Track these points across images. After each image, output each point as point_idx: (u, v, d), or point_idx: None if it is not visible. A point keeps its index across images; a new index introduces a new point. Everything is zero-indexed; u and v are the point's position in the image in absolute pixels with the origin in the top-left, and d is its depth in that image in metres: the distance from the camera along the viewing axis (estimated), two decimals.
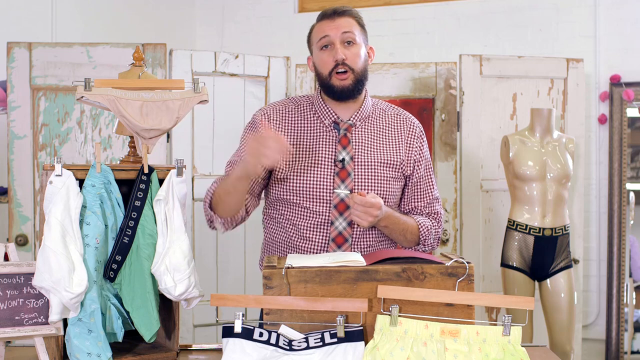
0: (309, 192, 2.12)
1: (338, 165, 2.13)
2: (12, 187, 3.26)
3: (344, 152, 2.14)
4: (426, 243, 2.21)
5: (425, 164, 2.26)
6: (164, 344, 1.96)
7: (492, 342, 1.64)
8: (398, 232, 2.15)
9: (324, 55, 2.15)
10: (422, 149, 2.26)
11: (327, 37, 2.14)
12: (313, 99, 2.23)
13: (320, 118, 2.19)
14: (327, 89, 2.16)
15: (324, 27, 2.15)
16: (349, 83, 2.12)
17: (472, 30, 4.54)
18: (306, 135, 2.18)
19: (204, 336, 3.48)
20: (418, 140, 2.25)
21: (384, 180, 2.16)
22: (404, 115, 2.28)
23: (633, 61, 4.27)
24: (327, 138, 2.17)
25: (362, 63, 2.15)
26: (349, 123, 2.17)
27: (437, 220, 2.26)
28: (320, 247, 2.13)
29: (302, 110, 2.22)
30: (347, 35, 2.13)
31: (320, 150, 2.15)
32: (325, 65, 2.14)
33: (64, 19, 4.01)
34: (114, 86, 1.84)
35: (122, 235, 1.81)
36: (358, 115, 2.19)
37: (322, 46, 2.15)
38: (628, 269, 4.19)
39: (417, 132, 2.26)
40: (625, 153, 4.23)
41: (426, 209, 2.26)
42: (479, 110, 3.63)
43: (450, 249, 3.61)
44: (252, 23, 4.94)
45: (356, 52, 2.14)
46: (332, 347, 1.64)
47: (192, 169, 3.45)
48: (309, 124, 2.19)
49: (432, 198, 2.27)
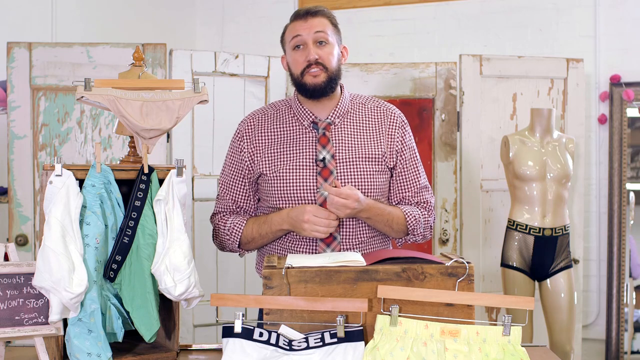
0: (293, 194, 2.13)
1: (319, 165, 2.13)
2: (12, 187, 3.26)
3: (324, 151, 2.15)
4: (415, 232, 2.20)
5: (410, 153, 2.25)
6: (164, 344, 1.96)
7: (492, 342, 1.64)
8: (383, 223, 2.15)
9: (296, 55, 2.16)
10: (404, 138, 2.24)
11: (299, 37, 2.15)
12: (291, 102, 2.24)
13: (299, 120, 2.20)
14: (300, 88, 2.17)
15: (296, 27, 2.16)
16: (322, 80, 2.13)
17: (472, 30, 4.54)
18: (287, 138, 2.19)
19: (204, 336, 3.47)
20: (399, 130, 2.23)
21: (367, 175, 2.16)
22: (385, 106, 2.27)
23: (633, 61, 4.27)
24: (306, 139, 2.18)
25: (336, 62, 2.16)
26: (327, 121, 2.18)
27: (427, 209, 2.25)
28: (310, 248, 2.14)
29: (281, 114, 2.23)
30: (320, 35, 2.14)
31: (301, 152, 2.16)
32: (298, 65, 2.15)
33: (64, 19, 4.01)
34: (114, 86, 1.84)
35: (122, 235, 1.81)
36: (336, 112, 2.19)
37: (294, 46, 2.16)
38: (628, 269, 4.19)
39: (397, 121, 2.24)
40: (625, 153, 4.23)
41: (414, 198, 2.24)
42: (479, 110, 3.63)
43: (450, 249, 3.61)
44: (252, 23, 4.94)
45: (329, 51, 2.15)
46: (332, 347, 1.64)
47: (192, 169, 3.45)
48: (289, 127, 2.20)
49: (420, 187, 2.25)
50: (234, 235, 2.19)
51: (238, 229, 2.18)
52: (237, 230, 2.18)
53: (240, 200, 2.24)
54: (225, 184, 2.25)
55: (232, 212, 2.25)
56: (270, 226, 2.14)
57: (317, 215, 2.03)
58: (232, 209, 2.25)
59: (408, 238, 2.23)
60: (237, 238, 2.19)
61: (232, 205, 2.24)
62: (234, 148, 2.25)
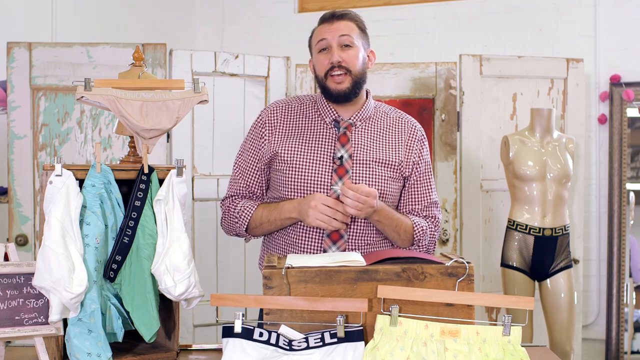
0: (307, 188, 2.14)
1: (336, 163, 2.15)
2: (12, 187, 3.26)
3: (343, 150, 2.16)
4: (420, 244, 2.21)
5: (425, 167, 2.28)
6: (164, 344, 1.96)
7: (492, 342, 1.64)
8: (391, 228, 2.16)
9: (321, 57, 2.19)
10: (422, 152, 2.27)
11: (324, 40, 2.17)
12: (316, 98, 2.27)
13: (321, 116, 2.23)
14: (324, 91, 2.20)
15: (322, 30, 2.19)
16: (346, 87, 2.15)
17: (472, 30, 4.54)
18: (307, 132, 2.21)
19: (204, 336, 3.47)
20: (419, 143, 2.27)
21: (381, 179, 2.17)
22: (406, 118, 2.31)
23: (633, 61, 4.27)
24: (326, 135, 2.20)
25: (360, 66, 2.18)
26: (349, 122, 2.20)
27: (435, 224, 2.27)
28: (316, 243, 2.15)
29: (304, 107, 2.26)
30: (345, 38, 2.16)
31: (320, 147, 2.17)
32: (322, 67, 2.18)
33: (64, 19, 4.00)
34: (114, 86, 1.84)
35: (122, 235, 1.81)
36: (359, 115, 2.22)
37: (320, 49, 2.19)
38: (628, 269, 4.19)
39: (418, 135, 2.28)
40: (625, 153, 4.23)
41: (423, 212, 2.26)
42: (479, 110, 3.63)
43: (450, 249, 3.61)
44: (252, 23, 4.94)
45: (354, 54, 2.16)
46: (332, 347, 1.64)
47: (192, 169, 3.45)
48: (311, 122, 2.23)
49: (430, 202, 2.28)
50: (244, 218, 2.20)
51: (248, 211, 2.19)
52: (248, 213, 2.19)
53: (254, 186, 2.25)
54: (240, 168, 2.26)
55: (243, 197, 2.26)
56: (280, 213, 2.15)
57: (325, 204, 2.04)
58: (244, 193, 2.26)
59: (413, 248, 2.23)
60: (246, 221, 2.20)
61: (245, 190, 2.26)
62: (255, 133, 2.25)
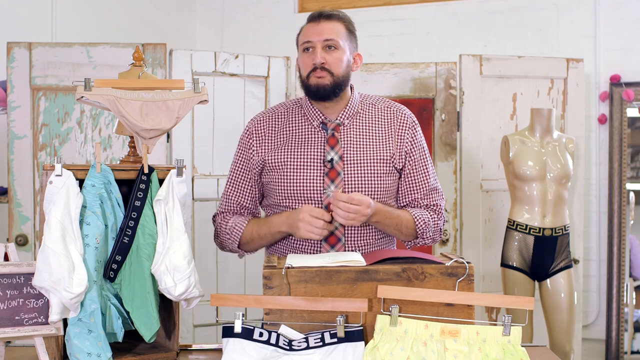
0: (299, 194, 2.13)
1: (327, 166, 2.13)
2: (12, 187, 3.26)
3: (333, 152, 2.15)
4: (425, 236, 2.19)
5: (419, 155, 2.23)
6: (164, 344, 1.96)
7: (492, 342, 1.64)
8: (392, 227, 2.14)
9: (304, 57, 2.17)
10: (413, 139, 2.22)
11: (309, 42, 2.15)
12: (302, 102, 2.25)
13: (308, 120, 2.21)
14: (306, 90, 2.18)
15: (308, 30, 2.17)
16: (326, 83, 2.12)
17: (472, 30, 4.54)
18: (295, 137, 2.19)
19: (204, 336, 3.47)
20: (409, 130, 2.22)
21: (374, 177, 2.15)
22: (395, 107, 2.26)
23: (633, 61, 4.27)
24: (315, 139, 2.18)
25: (344, 69, 2.15)
26: (337, 122, 2.18)
27: (437, 212, 2.23)
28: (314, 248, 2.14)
29: (291, 113, 2.24)
30: (329, 40, 2.13)
31: (309, 152, 2.16)
32: (305, 67, 2.16)
33: (64, 19, 4.01)
34: (114, 86, 1.84)
35: (122, 235, 1.81)
36: (345, 113, 2.19)
37: (304, 49, 2.17)
38: (628, 269, 4.19)
39: (408, 122, 2.23)
40: (625, 153, 4.23)
41: (424, 200, 2.23)
42: (479, 110, 3.63)
43: (450, 249, 3.61)
44: (252, 23, 4.94)
45: (338, 56, 2.14)
46: (332, 347, 1.64)
47: (192, 169, 3.45)
48: (298, 127, 2.21)
49: (430, 189, 2.23)
50: (235, 235, 2.19)
51: (239, 228, 2.18)
52: (238, 230, 2.18)
53: (246, 200, 2.24)
54: (231, 182, 2.26)
55: (234, 213, 2.25)
56: (269, 227, 2.14)
57: (313, 215, 2.02)
58: (235, 209, 2.25)
59: (417, 241, 2.21)
60: (238, 238, 2.19)
61: (236, 207, 2.25)
62: (243, 145, 2.25)
